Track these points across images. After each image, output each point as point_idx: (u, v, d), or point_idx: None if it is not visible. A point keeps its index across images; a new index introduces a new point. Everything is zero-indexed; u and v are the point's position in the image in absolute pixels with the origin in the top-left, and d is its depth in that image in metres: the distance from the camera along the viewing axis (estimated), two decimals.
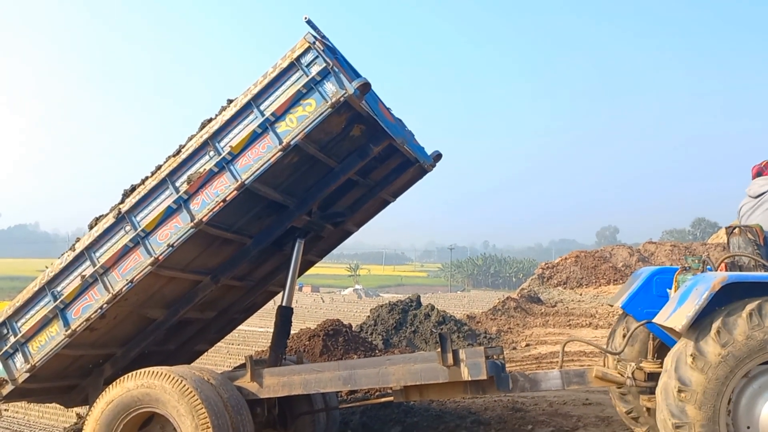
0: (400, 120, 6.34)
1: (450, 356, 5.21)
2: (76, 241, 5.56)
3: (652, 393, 4.65)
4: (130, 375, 5.35)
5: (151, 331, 5.93)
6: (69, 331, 5.35)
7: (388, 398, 5.95)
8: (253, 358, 5.74)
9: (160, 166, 5.34)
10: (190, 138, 5.30)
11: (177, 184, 5.21)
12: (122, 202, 5.39)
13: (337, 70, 4.91)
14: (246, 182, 5.07)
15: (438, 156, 6.75)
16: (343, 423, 7.20)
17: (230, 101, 5.23)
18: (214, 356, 15.03)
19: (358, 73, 5.20)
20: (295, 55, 4.99)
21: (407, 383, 5.43)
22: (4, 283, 67.72)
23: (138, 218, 5.28)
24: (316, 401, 6.40)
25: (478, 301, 41.44)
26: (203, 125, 5.27)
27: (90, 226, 5.53)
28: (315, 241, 6.72)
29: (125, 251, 5.28)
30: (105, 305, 5.30)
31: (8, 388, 5.55)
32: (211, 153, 5.15)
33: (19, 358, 5.50)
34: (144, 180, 5.40)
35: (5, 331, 5.55)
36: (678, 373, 4.25)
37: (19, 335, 5.46)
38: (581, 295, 23.76)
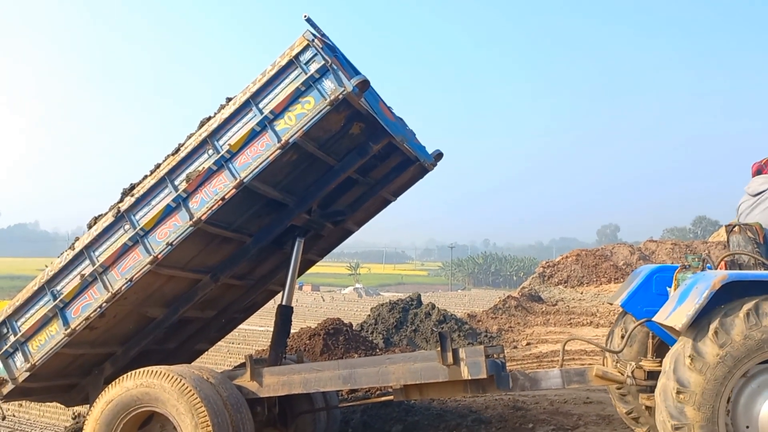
0: (401, 119, 6.33)
1: (450, 355, 5.21)
2: (75, 240, 5.56)
3: (652, 392, 4.64)
4: (129, 374, 5.35)
5: (151, 329, 5.93)
6: (69, 330, 5.35)
7: (388, 397, 5.94)
8: (253, 357, 5.75)
9: (159, 165, 5.34)
10: (189, 136, 5.29)
11: (176, 182, 5.21)
12: (121, 201, 5.38)
13: (335, 67, 4.90)
14: (245, 180, 5.07)
15: (439, 155, 6.74)
16: (344, 422, 7.19)
17: (229, 99, 5.22)
18: (215, 355, 15.01)
19: (357, 71, 5.18)
20: (294, 53, 4.98)
21: (407, 382, 5.42)
22: (4, 282, 67.79)
23: (137, 217, 5.28)
24: (317, 400, 6.39)
25: (478, 300, 41.40)
26: (202, 123, 5.26)
27: (89, 226, 5.53)
28: (315, 240, 6.71)
29: (124, 250, 5.28)
30: (104, 304, 5.30)
31: (8, 388, 5.55)
32: (210, 151, 5.15)
33: (19, 357, 5.51)
34: (143, 179, 5.40)
35: (5, 330, 5.56)
36: (676, 375, 4.24)
37: (19, 334, 5.47)
38: (582, 293, 23.72)
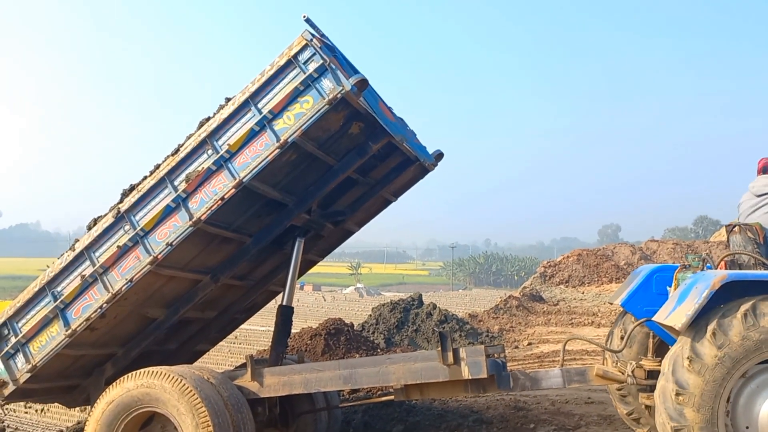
0: (402, 119, 6.32)
1: (450, 355, 5.20)
2: (75, 242, 5.56)
3: (652, 391, 4.63)
4: (129, 375, 5.35)
5: (152, 330, 5.93)
6: (69, 331, 5.35)
7: (389, 397, 5.93)
8: (254, 358, 5.75)
9: (158, 166, 5.34)
10: (189, 137, 5.30)
11: (175, 182, 5.21)
12: (121, 201, 5.39)
13: (334, 66, 4.90)
14: (244, 180, 5.07)
15: (439, 155, 6.73)
16: (345, 422, 7.19)
17: (228, 99, 5.23)
18: (216, 355, 15.02)
19: (356, 70, 5.18)
20: (293, 53, 4.98)
21: (408, 382, 5.42)
22: (5, 282, 67.87)
23: (137, 217, 5.28)
24: (318, 400, 6.39)
25: (479, 300, 41.38)
26: (201, 124, 5.27)
27: (89, 227, 5.53)
28: (316, 240, 6.71)
29: (124, 251, 5.28)
30: (105, 305, 5.30)
31: (10, 389, 5.55)
32: (210, 151, 5.15)
33: (20, 358, 5.51)
34: (143, 179, 5.40)
35: (6, 331, 5.56)
36: (675, 376, 4.24)
37: (20, 335, 5.48)
38: (583, 293, 23.66)
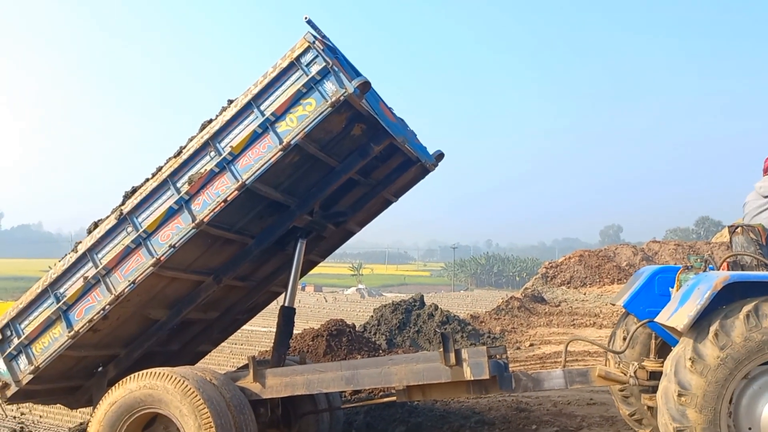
0: (402, 119, 6.33)
1: (452, 356, 5.20)
2: (77, 243, 5.57)
3: (655, 392, 4.64)
4: (132, 376, 5.36)
5: (154, 331, 5.94)
6: (72, 333, 5.37)
7: (391, 398, 5.93)
8: (256, 359, 5.75)
9: (161, 168, 5.36)
10: (191, 139, 5.31)
11: (178, 184, 5.23)
12: (123, 203, 5.40)
13: (336, 69, 4.91)
14: (247, 182, 5.08)
15: (440, 155, 6.74)
16: (347, 423, 7.20)
17: (230, 101, 5.24)
18: (218, 356, 15.02)
19: (358, 72, 5.19)
20: (295, 55, 5.00)
21: (410, 383, 5.42)
22: (7, 283, 67.89)
23: (139, 219, 5.30)
24: (320, 401, 6.40)
25: (481, 301, 41.31)
26: (203, 126, 5.28)
27: (89, 231, 5.54)
28: (317, 241, 6.72)
29: (127, 252, 5.29)
30: (107, 306, 5.31)
31: (12, 390, 5.57)
32: (212, 153, 5.16)
33: (22, 359, 5.53)
34: (145, 181, 5.41)
35: (9, 332, 5.58)
36: (678, 377, 4.24)
37: (23, 337, 5.49)
38: (585, 294, 23.66)
